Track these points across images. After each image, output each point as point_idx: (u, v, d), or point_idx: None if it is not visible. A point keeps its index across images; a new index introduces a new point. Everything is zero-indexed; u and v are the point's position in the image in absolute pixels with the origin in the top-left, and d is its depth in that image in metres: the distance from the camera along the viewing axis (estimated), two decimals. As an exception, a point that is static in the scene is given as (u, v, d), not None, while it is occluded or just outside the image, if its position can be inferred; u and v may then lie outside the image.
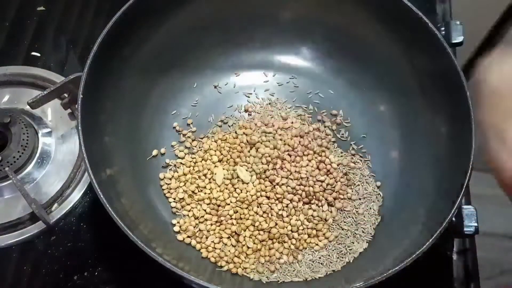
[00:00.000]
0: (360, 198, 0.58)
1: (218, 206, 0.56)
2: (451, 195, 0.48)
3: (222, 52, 0.64)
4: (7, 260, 0.55)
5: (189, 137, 0.61)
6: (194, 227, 0.55)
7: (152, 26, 0.58)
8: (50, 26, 0.69)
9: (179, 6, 0.58)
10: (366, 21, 0.59)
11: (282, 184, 0.57)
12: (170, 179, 0.58)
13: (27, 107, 0.58)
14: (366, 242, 0.55)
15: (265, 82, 0.65)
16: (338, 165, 0.59)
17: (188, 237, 0.55)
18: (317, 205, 0.57)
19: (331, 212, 0.57)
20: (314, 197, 0.57)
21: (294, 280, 0.53)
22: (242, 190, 0.57)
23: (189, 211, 0.56)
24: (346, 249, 0.55)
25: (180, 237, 0.55)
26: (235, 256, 0.54)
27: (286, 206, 0.56)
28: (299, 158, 0.59)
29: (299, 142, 0.60)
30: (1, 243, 0.56)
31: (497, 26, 1.01)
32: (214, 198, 0.56)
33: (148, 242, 0.46)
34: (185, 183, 0.58)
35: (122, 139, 0.56)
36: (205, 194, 0.57)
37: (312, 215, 0.56)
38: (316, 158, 0.59)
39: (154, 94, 0.61)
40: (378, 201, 0.58)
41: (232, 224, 0.55)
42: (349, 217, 0.57)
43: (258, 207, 0.56)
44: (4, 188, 0.57)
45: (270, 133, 0.61)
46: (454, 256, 0.59)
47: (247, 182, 0.57)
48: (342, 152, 0.61)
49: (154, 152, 0.59)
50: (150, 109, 0.60)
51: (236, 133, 0.61)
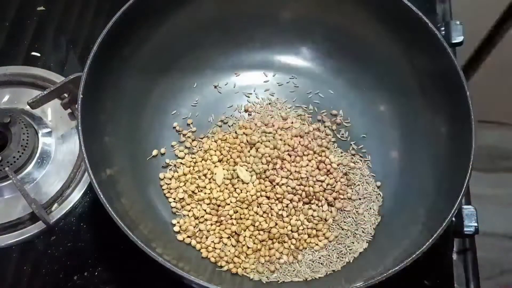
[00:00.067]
0: (360, 198, 0.58)
1: (218, 206, 0.56)
2: (451, 195, 0.48)
3: (222, 52, 0.64)
4: (7, 260, 0.55)
5: (189, 137, 0.61)
6: (194, 227, 0.55)
7: (152, 26, 0.58)
8: (50, 26, 0.69)
9: (179, 6, 0.58)
10: (366, 21, 0.59)
11: (282, 184, 0.57)
12: (170, 179, 0.58)
13: (27, 107, 0.58)
14: (366, 242, 0.55)
15: (265, 82, 0.65)
16: (338, 165, 0.59)
17: (188, 237, 0.55)
18: (317, 205, 0.57)
19: (331, 212, 0.57)
20: (314, 197, 0.57)
21: (294, 280, 0.53)
22: (242, 190, 0.57)
23: (189, 211, 0.56)
24: (346, 249, 0.55)
25: (180, 237, 0.55)
26: (235, 256, 0.54)
27: (286, 206, 0.56)
28: (299, 158, 0.59)
29: (299, 142, 0.60)
30: (1, 243, 0.56)
31: (497, 26, 1.01)
32: (214, 198, 0.56)
33: (148, 242, 0.46)
34: (185, 183, 0.58)
35: (122, 139, 0.56)
36: (205, 194, 0.57)
37: (312, 215, 0.56)
38: (316, 158, 0.59)
39: (154, 94, 0.61)
40: (378, 201, 0.58)
41: (232, 224, 0.55)
42: (349, 217, 0.57)
43: (258, 207, 0.56)
44: (4, 188, 0.57)
45: (270, 133, 0.61)
46: (454, 256, 0.59)
47: (247, 182, 0.57)
48: (342, 152, 0.61)
49: (154, 152, 0.59)
50: (150, 109, 0.60)
51: (236, 133, 0.61)
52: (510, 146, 1.31)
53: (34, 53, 0.67)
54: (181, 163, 0.59)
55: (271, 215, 0.56)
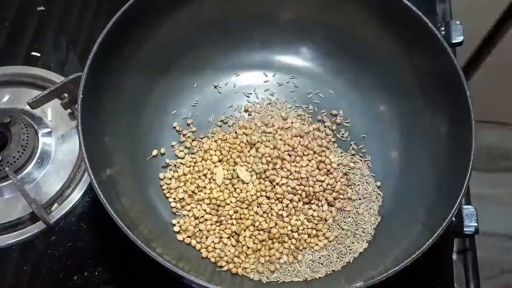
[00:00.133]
0: (360, 198, 0.58)
1: (218, 206, 0.56)
2: (451, 195, 0.48)
3: (222, 52, 0.64)
4: (7, 260, 0.55)
5: (189, 137, 0.61)
6: (194, 227, 0.55)
7: (152, 26, 0.58)
8: (50, 26, 0.69)
9: (179, 6, 0.58)
10: (366, 21, 0.59)
11: (282, 184, 0.57)
12: (170, 179, 0.58)
13: (27, 107, 0.58)
14: (366, 242, 0.55)
15: (265, 82, 0.65)
16: (338, 165, 0.59)
17: (188, 237, 0.55)
18: (317, 205, 0.57)
19: (331, 212, 0.57)
20: (314, 197, 0.57)
21: (294, 280, 0.53)
22: (242, 190, 0.57)
23: (189, 211, 0.56)
24: (346, 249, 0.55)
25: (180, 237, 0.55)
26: (235, 256, 0.54)
27: (286, 206, 0.56)
28: (299, 158, 0.59)
29: (299, 142, 0.60)
30: (1, 243, 0.56)
31: (497, 26, 1.01)
32: (214, 198, 0.56)
33: (148, 242, 0.46)
34: (185, 183, 0.58)
35: (122, 139, 0.56)
36: (205, 194, 0.57)
37: (312, 215, 0.56)
38: (316, 158, 0.59)
39: (154, 94, 0.61)
40: (378, 201, 0.58)
41: (232, 224, 0.55)
42: (349, 217, 0.57)
43: (258, 207, 0.56)
44: (4, 188, 0.57)
45: (270, 133, 0.61)
46: (454, 256, 0.59)
47: (247, 182, 0.57)
48: (342, 152, 0.61)
49: (154, 152, 0.59)
50: (150, 109, 0.60)
51: (236, 133, 0.61)
52: (510, 146, 1.31)
53: (34, 53, 0.67)
54: (181, 163, 0.59)
55: (271, 215, 0.56)
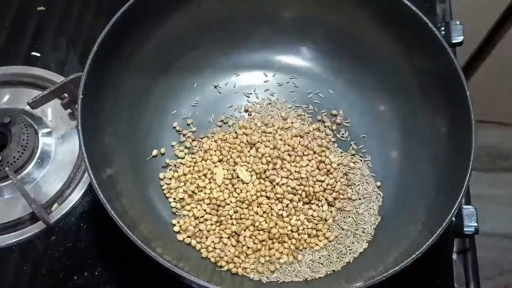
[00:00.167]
0: (360, 198, 0.58)
1: (218, 206, 0.56)
2: (451, 195, 0.48)
3: (222, 52, 0.64)
4: (7, 260, 0.55)
5: (189, 137, 0.61)
6: (194, 227, 0.55)
7: (152, 26, 0.58)
8: (50, 26, 0.69)
9: (179, 6, 0.58)
10: (366, 21, 0.59)
11: (282, 184, 0.57)
12: (170, 179, 0.58)
13: (27, 107, 0.58)
14: (366, 242, 0.55)
15: (265, 82, 0.65)
16: (338, 165, 0.59)
17: (188, 237, 0.55)
18: (317, 205, 0.57)
19: (331, 212, 0.57)
20: (314, 197, 0.57)
21: (294, 280, 0.53)
22: (242, 190, 0.57)
23: (189, 211, 0.56)
24: (346, 249, 0.55)
25: (180, 237, 0.55)
26: (235, 256, 0.54)
27: (286, 206, 0.56)
28: (299, 158, 0.59)
29: (299, 142, 0.60)
30: (1, 243, 0.56)
31: (497, 26, 1.01)
32: (214, 198, 0.56)
33: (148, 242, 0.46)
34: (185, 183, 0.58)
35: (122, 139, 0.56)
36: (205, 194, 0.57)
37: (312, 215, 0.56)
38: (316, 158, 0.59)
39: (154, 94, 0.61)
40: (378, 201, 0.58)
41: (232, 224, 0.55)
42: (349, 217, 0.57)
43: (258, 207, 0.56)
44: (4, 188, 0.57)
45: (270, 133, 0.61)
46: (454, 256, 0.59)
47: (247, 182, 0.57)
48: (342, 152, 0.61)
49: (154, 152, 0.59)
50: (150, 109, 0.60)
51: (236, 133, 0.61)
52: (510, 146, 1.31)
53: (34, 53, 0.67)
54: (181, 163, 0.59)
55: (271, 215, 0.56)
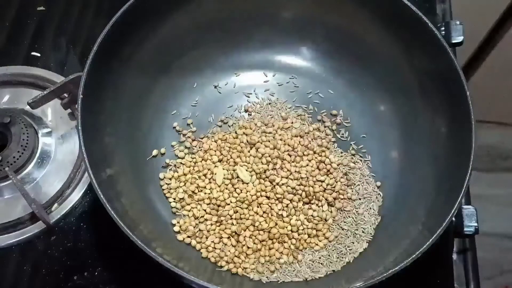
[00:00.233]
0: (360, 198, 0.58)
1: (218, 206, 0.56)
2: (451, 195, 0.48)
3: (222, 52, 0.64)
4: (7, 260, 0.55)
5: (189, 137, 0.61)
6: (194, 227, 0.55)
7: (152, 26, 0.58)
8: (50, 26, 0.69)
9: (179, 6, 0.58)
10: (366, 21, 0.59)
11: (282, 184, 0.57)
12: (170, 179, 0.58)
13: (27, 107, 0.58)
14: (366, 242, 0.55)
15: (265, 82, 0.65)
16: (338, 165, 0.59)
17: (188, 237, 0.55)
18: (317, 205, 0.57)
19: (331, 212, 0.57)
20: (314, 197, 0.57)
21: (294, 280, 0.53)
22: (242, 190, 0.57)
23: (189, 211, 0.56)
24: (346, 249, 0.55)
25: (180, 237, 0.55)
26: (235, 256, 0.54)
27: (286, 206, 0.56)
28: (299, 158, 0.59)
29: (299, 142, 0.60)
30: (1, 243, 0.56)
31: (497, 26, 1.01)
32: (214, 198, 0.56)
33: (148, 242, 0.46)
34: (185, 183, 0.58)
35: (122, 139, 0.56)
36: (205, 194, 0.57)
37: (312, 215, 0.56)
38: (316, 158, 0.59)
39: (154, 94, 0.61)
40: (378, 201, 0.58)
41: (232, 224, 0.55)
42: (349, 217, 0.57)
43: (258, 207, 0.56)
44: (4, 188, 0.57)
45: (270, 133, 0.61)
46: (454, 256, 0.59)
47: (247, 182, 0.57)
48: (342, 152, 0.61)
49: (154, 152, 0.59)
50: (150, 109, 0.60)
51: (236, 133, 0.61)
52: (510, 146, 1.31)
53: (34, 53, 0.67)
54: (181, 163, 0.59)
55: (271, 215, 0.56)
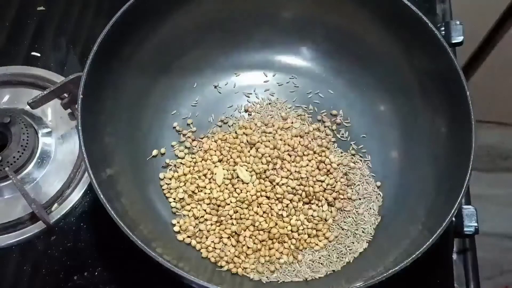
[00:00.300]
0: (360, 198, 0.58)
1: (218, 206, 0.56)
2: (451, 195, 0.48)
3: (222, 52, 0.64)
4: (7, 260, 0.55)
5: (189, 137, 0.61)
6: (194, 227, 0.55)
7: (152, 26, 0.58)
8: (50, 26, 0.69)
9: (179, 6, 0.58)
10: (366, 21, 0.59)
11: (282, 184, 0.57)
12: (170, 179, 0.58)
13: (27, 107, 0.58)
14: (366, 242, 0.55)
15: (265, 82, 0.65)
16: (338, 165, 0.59)
17: (188, 237, 0.55)
18: (317, 205, 0.57)
19: (331, 212, 0.57)
20: (314, 197, 0.57)
21: (294, 280, 0.53)
22: (242, 190, 0.57)
23: (189, 211, 0.56)
24: (346, 249, 0.55)
25: (180, 237, 0.55)
26: (235, 256, 0.54)
27: (286, 206, 0.56)
28: (299, 158, 0.59)
29: (299, 142, 0.60)
30: (1, 243, 0.56)
31: (497, 26, 1.01)
32: (214, 198, 0.56)
33: (148, 242, 0.46)
34: (185, 183, 0.58)
35: (122, 139, 0.56)
36: (205, 194, 0.57)
37: (312, 215, 0.56)
38: (316, 158, 0.59)
39: (154, 94, 0.61)
40: (378, 201, 0.58)
41: (232, 224, 0.55)
42: (349, 217, 0.57)
43: (258, 207, 0.56)
44: (4, 188, 0.57)
45: (270, 133, 0.61)
46: (454, 256, 0.59)
47: (247, 182, 0.57)
48: (342, 152, 0.61)
49: (154, 152, 0.59)
50: (150, 109, 0.60)
51: (236, 133, 0.61)
52: (510, 146, 1.31)
53: (34, 53, 0.67)
54: (181, 163, 0.59)
55: (271, 215, 0.56)
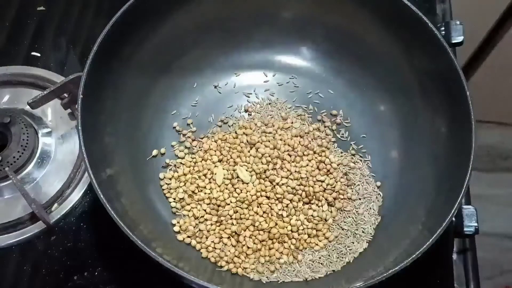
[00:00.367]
0: (360, 198, 0.58)
1: (218, 206, 0.56)
2: (451, 195, 0.48)
3: (222, 52, 0.64)
4: (7, 260, 0.55)
5: (189, 137, 0.61)
6: (194, 227, 0.55)
7: (152, 26, 0.58)
8: (50, 26, 0.69)
9: (179, 6, 0.58)
10: (366, 21, 0.59)
11: (282, 184, 0.57)
12: (170, 179, 0.58)
13: (27, 107, 0.58)
14: (366, 242, 0.55)
15: (265, 82, 0.65)
16: (338, 165, 0.59)
17: (188, 237, 0.55)
18: (317, 205, 0.57)
19: (331, 212, 0.57)
20: (314, 197, 0.57)
21: (294, 280, 0.53)
22: (242, 190, 0.57)
23: (189, 211, 0.56)
24: (346, 249, 0.55)
25: (180, 237, 0.55)
26: (235, 256, 0.54)
27: (286, 206, 0.56)
28: (299, 158, 0.59)
29: (299, 142, 0.60)
30: (1, 243, 0.56)
31: (497, 26, 1.01)
32: (214, 198, 0.56)
33: (148, 242, 0.46)
34: (185, 183, 0.58)
35: (122, 139, 0.56)
36: (205, 194, 0.57)
37: (312, 215, 0.56)
38: (316, 158, 0.59)
39: (154, 94, 0.61)
40: (378, 201, 0.58)
41: (232, 224, 0.55)
42: (349, 217, 0.57)
43: (258, 207, 0.56)
44: (4, 188, 0.57)
45: (270, 133, 0.61)
46: (454, 256, 0.59)
47: (247, 182, 0.57)
48: (342, 152, 0.61)
49: (154, 152, 0.59)
50: (150, 109, 0.60)
51: (236, 133, 0.61)
52: (510, 146, 1.31)
53: (34, 53, 0.67)
54: (181, 163, 0.59)
55: (271, 215, 0.56)
